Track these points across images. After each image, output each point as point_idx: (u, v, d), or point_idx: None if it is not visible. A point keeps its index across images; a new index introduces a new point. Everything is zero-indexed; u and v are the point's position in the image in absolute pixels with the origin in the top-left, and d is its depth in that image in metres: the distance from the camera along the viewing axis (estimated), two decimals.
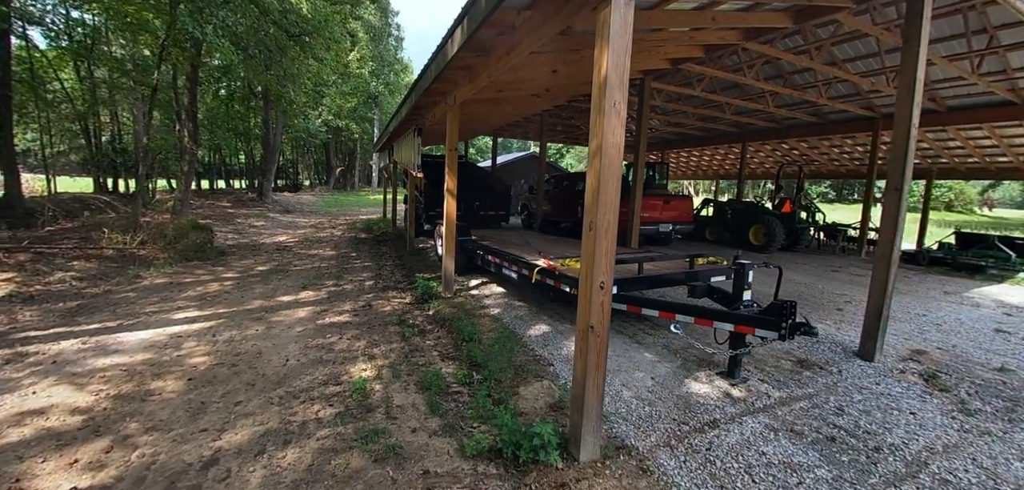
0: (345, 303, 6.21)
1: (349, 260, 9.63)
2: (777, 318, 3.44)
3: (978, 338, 5.22)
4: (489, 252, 6.75)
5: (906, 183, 4.28)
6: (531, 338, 4.80)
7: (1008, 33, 7.34)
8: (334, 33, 12.75)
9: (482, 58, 4.49)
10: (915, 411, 3.43)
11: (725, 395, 3.59)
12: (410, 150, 8.75)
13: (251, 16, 9.31)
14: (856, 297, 7.02)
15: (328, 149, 42.23)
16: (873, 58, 8.99)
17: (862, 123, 11.97)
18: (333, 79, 16.26)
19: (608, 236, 2.53)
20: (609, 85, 2.41)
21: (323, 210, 23.05)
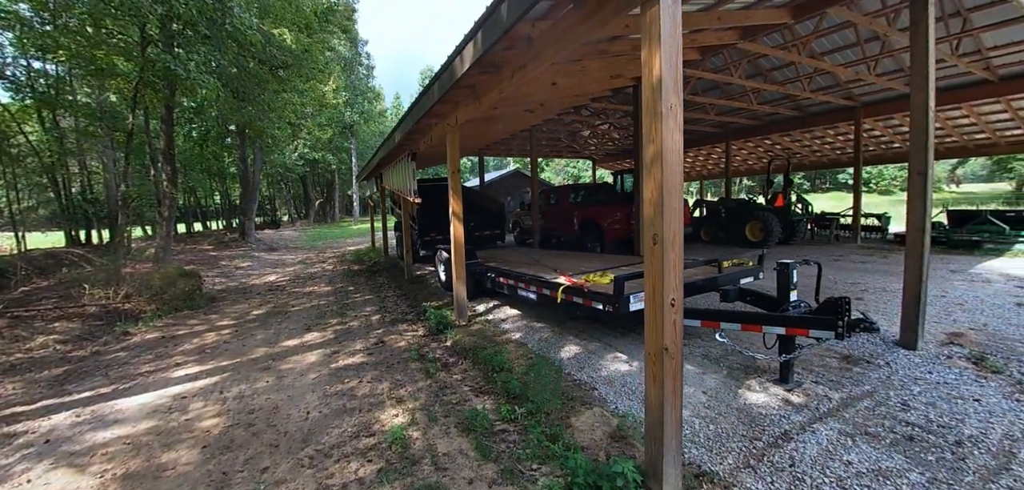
0: (355, 342, 5.89)
1: (348, 295, 9.27)
2: (833, 316, 3.30)
3: (1004, 314, 5.21)
4: (500, 273, 6.52)
5: (930, 166, 4.24)
6: (564, 361, 4.57)
7: (981, 14, 7.56)
8: (318, 62, 12.48)
9: (490, 75, 4.32)
10: (978, 398, 3.32)
11: (785, 403, 3.41)
12: (405, 176, 8.50)
13: (232, 51, 9.00)
14: (871, 284, 7.01)
15: (305, 182, 41.55)
16: (851, 49, 9.18)
17: (843, 113, 12.23)
18: (309, 111, 15.92)
19: (675, 248, 2.35)
20: (664, 88, 2.25)
21: (308, 245, 22.49)
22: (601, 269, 5.69)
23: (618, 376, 4.10)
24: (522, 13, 2.66)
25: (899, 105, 11.05)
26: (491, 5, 2.93)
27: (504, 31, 2.92)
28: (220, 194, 28.49)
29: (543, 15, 3.00)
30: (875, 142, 14.67)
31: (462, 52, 3.66)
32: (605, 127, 15.49)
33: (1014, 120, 11.20)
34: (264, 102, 11.73)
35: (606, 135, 17.00)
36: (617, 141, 18.01)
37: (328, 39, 12.88)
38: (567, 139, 17.26)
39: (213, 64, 8.66)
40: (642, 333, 5.18)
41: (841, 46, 9.14)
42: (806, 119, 13.17)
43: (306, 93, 12.39)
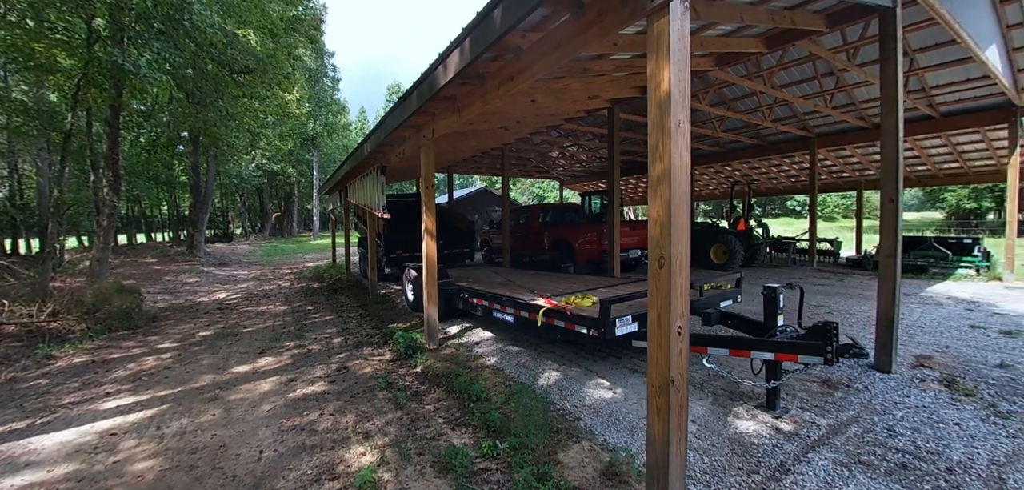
0: (315, 368, 5.42)
1: (306, 315, 8.69)
2: (822, 342, 3.26)
3: (962, 337, 5.44)
4: (474, 294, 6.25)
5: (900, 194, 4.37)
6: (545, 389, 4.34)
7: (924, 56, 8.11)
8: (283, 68, 11.87)
9: (473, 87, 4.13)
10: (958, 422, 3.35)
11: (775, 431, 3.32)
12: (373, 190, 8.13)
13: (189, 50, 8.34)
14: (834, 306, 7.23)
15: (262, 194, 39.72)
16: (808, 83, 9.67)
17: (799, 143, 12.87)
18: (270, 120, 15.16)
19: (682, 272, 2.20)
20: (673, 103, 2.12)
21: (263, 260, 21.29)
22: (580, 291, 5.54)
23: (603, 405, 3.91)
24: (519, 18, 2.49)
25: (850, 137, 11.74)
26: (483, 9, 2.75)
27: (495, 38, 2.74)
28: (168, 204, 26.66)
29: (537, 24, 2.85)
30: (827, 171, 15.53)
31: (446, 60, 3.45)
32: (574, 148, 15.62)
33: (952, 154, 12.13)
34: (222, 107, 10.98)
35: (574, 157, 17.14)
36: (585, 163, 18.21)
37: (294, 46, 12.31)
38: (536, 159, 17.28)
39: (167, 64, 7.99)
40: (623, 358, 5.10)
41: (799, 80, 9.61)
42: (765, 147, 13.76)
43: (268, 100, 11.74)
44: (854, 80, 9.01)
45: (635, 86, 7.16)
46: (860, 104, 10.32)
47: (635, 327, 4.04)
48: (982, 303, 7.32)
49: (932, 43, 7.66)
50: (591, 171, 19.42)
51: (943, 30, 5.82)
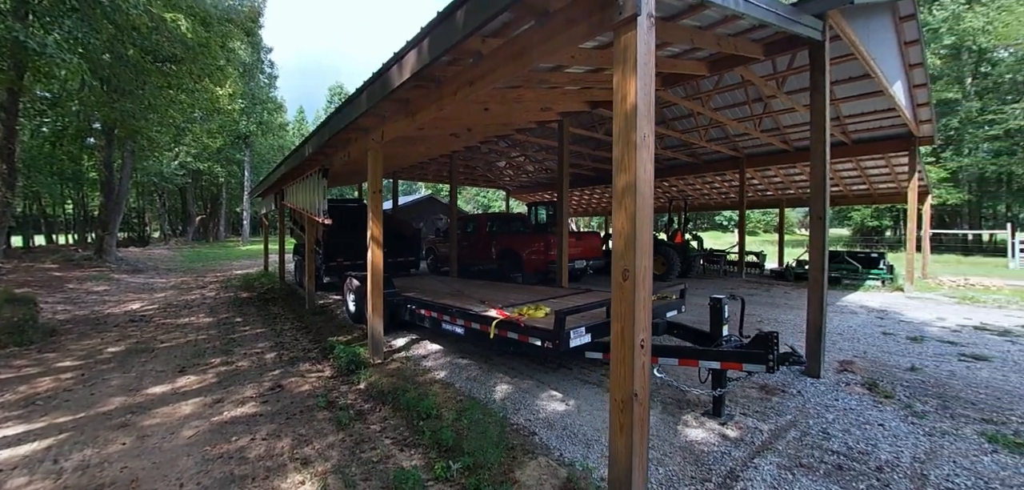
0: (245, 387, 4.94)
1: (234, 328, 7.97)
2: (764, 351, 3.41)
3: (876, 343, 5.98)
4: (422, 305, 6.01)
5: (826, 212, 4.73)
6: (497, 403, 4.22)
7: (840, 88, 8.97)
8: (215, 59, 10.87)
9: (429, 90, 3.98)
10: (882, 423, 3.63)
11: (722, 438, 3.42)
12: (313, 194, 7.65)
13: (107, 32, 7.37)
14: (764, 316, 7.72)
15: (185, 195, 36.51)
16: (740, 107, 10.39)
17: (730, 163, 13.79)
18: (198, 115, 13.86)
19: (645, 285, 2.19)
20: (639, 116, 2.12)
21: (185, 267, 19.46)
22: (531, 302, 5.48)
23: (557, 418, 3.85)
24: (482, 22, 2.39)
25: (775, 159, 12.75)
26: (445, 9, 2.63)
27: (457, 41, 2.63)
28: (73, 203, 23.64)
29: (499, 30, 2.77)
30: (753, 189, 16.76)
31: (401, 60, 3.27)
32: (521, 159, 15.75)
33: (860, 177, 13.51)
34: (143, 98, 9.82)
35: (521, 167, 17.29)
36: (531, 174, 18.41)
37: (228, 37, 11.36)
38: (483, 168, 17.24)
39: (80, 46, 6.99)
40: (574, 368, 5.10)
41: (732, 104, 10.28)
42: (700, 165, 14.62)
43: (197, 94, 10.71)
44: (780, 107, 9.78)
45: (585, 100, 7.30)
46: (784, 129, 11.23)
47: (589, 338, 4.05)
48: (890, 312, 8.15)
49: (847, 77, 8.47)
50: (537, 182, 19.66)
51: (859, 65, 6.44)
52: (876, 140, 10.93)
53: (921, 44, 7.72)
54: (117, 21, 7.37)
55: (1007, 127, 23.07)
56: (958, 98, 25.70)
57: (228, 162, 33.99)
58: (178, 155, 24.59)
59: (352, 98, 4.35)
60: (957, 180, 26.38)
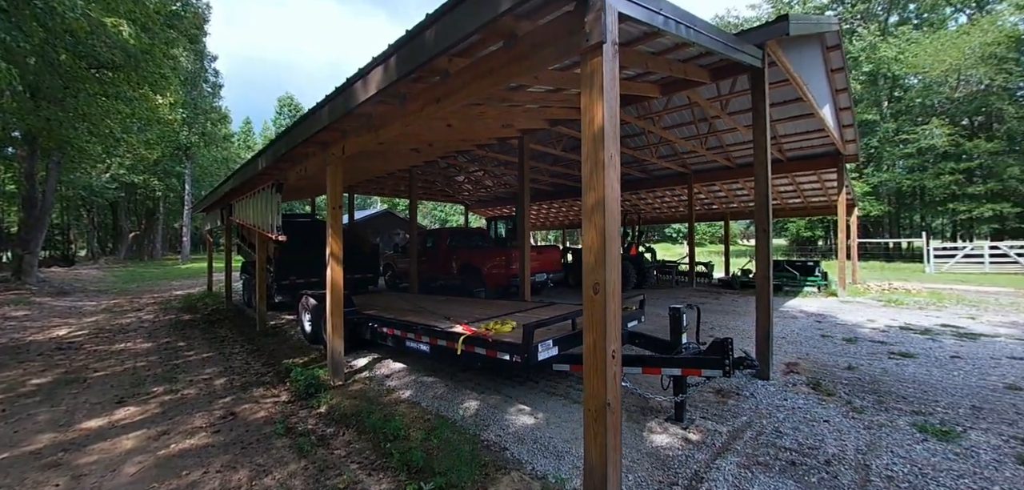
0: (194, 416, 4.63)
1: (178, 353, 7.45)
2: (720, 356, 3.61)
3: (817, 344, 6.45)
4: (385, 323, 5.89)
5: (770, 224, 5.09)
6: (467, 420, 4.18)
7: (776, 110, 9.70)
8: (160, 68, 10.16)
9: (393, 107, 3.96)
10: (827, 419, 3.92)
11: (685, 442, 3.57)
12: (266, 209, 7.34)
13: (38, 35, 6.72)
14: (717, 323, 8.12)
15: (117, 210, 33.77)
16: (687, 126, 10.99)
17: (679, 178, 14.50)
18: (135, 125, 12.87)
19: (615, 298, 2.28)
20: (606, 138, 2.23)
21: (117, 288, 17.94)
22: (496, 316, 5.51)
23: (527, 432, 3.88)
24: (452, 42, 2.43)
25: (719, 175, 13.54)
26: (415, 28, 2.64)
27: (425, 60, 2.65)
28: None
29: (467, 50, 2.82)
30: (701, 203, 17.68)
31: (367, 76, 3.24)
32: (480, 174, 15.82)
33: (796, 191, 14.58)
34: (75, 106, 8.99)
35: (480, 182, 17.36)
36: (490, 188, 18.52)
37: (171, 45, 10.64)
38: (442, 183, 17.16)
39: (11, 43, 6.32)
40: (540, 381, 5.16)
41: (680, 123, 10.87)
42: (651, 180, 15.27)
43: (136, 103, 9.95)
44: (724, 127, 10.43)
45: (545, 118, 7.48)
46: (727, 147, 11.97)
47: (556, 351, 4.12)
48: (826, 316, 8.81)
49: (783, 100, 9.17)
50: (496, 196, 19.79)
51: (793, 89, 7.00)
52: (808, 158, 11.87)
53: (845, 71, 8.52)
54: (50, 25, 6.76)
55: (919, 146, 25.72)
56: (877, 120, 28.40)
57: (167, 175, 31.79)
58: (110, 167, 22.70)
59: (313, 112, 4.25)
60: (878, 193, 29.02)
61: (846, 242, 12.22)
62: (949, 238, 29.71)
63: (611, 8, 2.15)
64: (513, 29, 2.50)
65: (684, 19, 2.83)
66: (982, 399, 4.42)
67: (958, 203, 25.29)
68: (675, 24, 2.72)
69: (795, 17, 5.00)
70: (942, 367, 5.44)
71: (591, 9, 2.14)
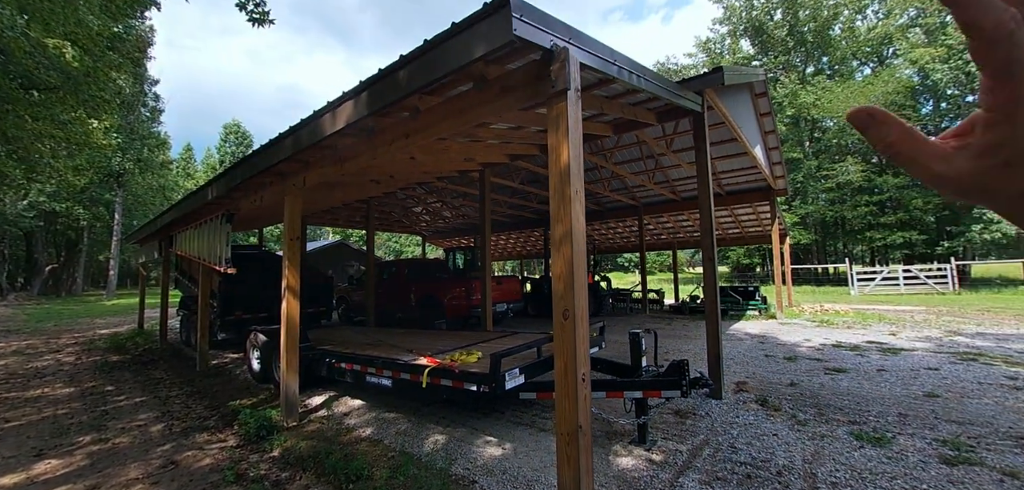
0: (128, 468, 4.25)
1: (105, 398, 6.81)
2: (678, 377, 3.82)
3: (761, 364, 6.90)
4: (343, 358, 5.72)
5: (715, 253, 5.49)
6: (433, 455, 4.12)
7: (715, 149, 10.49)
8: (102, 91, 9.46)
9: (361, 140, 3.99)
10: (776, 433, 4.21)
11: (650, 462, 3.71)
12: (214, 240, 6.99)
13: None
14: (671, 347, 8.49)
15: (32, 241, 30.58)
16: (636, 163, 11.65)
17: (629, 211, 15.21)
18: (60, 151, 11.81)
19: (584, 323, 2.42)
20: (572, 174, 2.40)
21: (30, 328, 16.13)
22: (461, 347, 5.51)
23: (496, 463, 3.88)
24: (425, 83, 2.55)
25: (666, 207, 14.36)
26: (388, 67, 2.74)
27: (398, 98, 2.74)
28: None
29: (437, 89, 2.95)
30: (650, 234, 18.55)
31: (336, 109, 3.27)
32: (438, 205, 15.83)
33: (734, 222, 15.65)
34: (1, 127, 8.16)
35: (438, 213, 17.35)
36: (448, 220, 18.53)
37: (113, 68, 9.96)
38: (400, 214, 16.99)
39: None
40: (506, 411, 5.18)
41: (629, 159, 11.50)
42: (604, 212, 15.91)
43: (70, 126, 9.18)
44: (669, 163, 11.15)
45: (505, 153, 7.71)
46: (673, 182, 12.75)
47: (523, 379, 4.18)
48: (768, 337, 9.44)
49: (720, 140, 9.97)
50: (454, 227, 19.80)
51: (728, 131, 7.67)
52: (744, 192, 12.87)
53: (772, 115, 9.43)
54: None
55: (838, 181, 28.49)
56: (801, 157, 31.24)
57: (94, 203, 29.28)
58: (28, 193, 20.59)
59: (275, 141, 4.18)
60: (806, 224, 31.67)
61: (781, 268, 13.23)
62: (868, 263, 32.73)
63: (574, 59, 2.35)
64: (483, 73, 2.66)
65: (635, 69, 3.11)
66: (906, 407, 4.91)
67: (874, 232, 28.06)
68: (627, 74, 2.99)
69: (728, 68, 5.56)
70: (871, 380, 5.99)
71: (556, 59, 2.34)
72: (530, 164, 10.07)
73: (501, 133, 5.41)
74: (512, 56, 2.50)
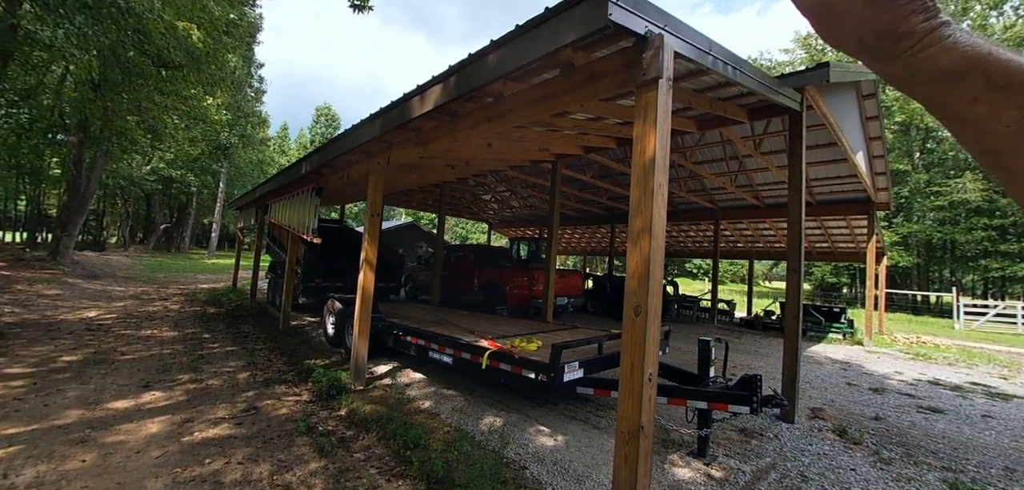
0: (217, 407, 4.74)
1: (202, 343, 7.65)
2: (748, 392, 3.58)
3: (842, 392, 6.30)
4: (409, 332, 5.97)
5: (801, 265, 5.06)
6: (486, 435, 4.21)
7: (810, 153, 9.63)
8: (223, 70, 10.75)
9: (443, 123, 4.11)
10: (854, 467, 3.83)
11: (709, 477, 3.53)
12: (303, 212, 7.59)
13: (112, 33, 7.22)
14: (739, 362, 7.99)
15: (151, 202, 35.04)
16: (717, 163, 10.99)
17: (705, 214, 14.42)
18: (182, 123, 13.51)
19: (655, 322, 2.33)
20: (656, 167, 2.30)
21: (145, 276, 18.54)
22: (520, 334, 5.55)
23: (548, 453, 3.88)
24: (513, 68, 2.56)
25: (746, 213, 13.43)
26: (478, 52, 2.79)
27: (485, 82, 2.79)
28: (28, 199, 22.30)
29: (521, 76, 2.95)
30: (726, 240, 17.50)
31: (425, 93, 3.41)
32: (507, 194, 16.01)
33: (823, 235, 14.34)
34: (137, 99, 9.55)
35: (506, 202, 17.54)
36: (515, 209, 18.69)
37: (229, 50, 11.24)
38: (469, 201, 17.40)
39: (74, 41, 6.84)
40: (560, 404, 5.15)
41: (710, 159, 10.88)
42: (677, 214, 15.21)
43: (190, 101, 10.49)
44: (754, 166, 10.40)
45: (580, 145, 7.59)
46: (757, 186, 11.90)
47: (581, 373, 4.13)
48: (852, 364, 8.59)
49: (816, 144, 9.12)
50: (521, 217, 19.94)
51: (828, 134, 6.99)
52: (838, 202, 11.70)
53: (880, 119, 8.46)
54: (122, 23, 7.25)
55: (951, 199, 25.07)
56: (908, 170, 27.85)
57: (202, 172, 33.03)
58: (151, 160, 23.75)
59: (365, 122, 4.44)
60: (907, 244, 28.28)
61: (874, 291, 11.93)
62: (980, 295, 28.65)
63: (668, 46, 2.25)
64: (571, 60, 2.62)
65: (731, 61, 2.92)
66: (1015, 461, 4.26)
67: (991, 260, 24.44)
68: (722, 65, 2.81)
69: (835, 65, 5.05)
70: (973, 425, 5.26)
71: (650, 46, 2.25)
72: (604, 158, 9.85)
73: (579, 123, 5.32)
74: (602, 43, 2.44)
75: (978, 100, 0.37)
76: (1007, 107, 0.36)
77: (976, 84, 0.37)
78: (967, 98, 0.38)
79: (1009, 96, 0.36)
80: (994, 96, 0.36)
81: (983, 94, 0.37)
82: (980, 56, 0.37)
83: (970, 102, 0.38)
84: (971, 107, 0.38)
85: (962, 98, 0.38)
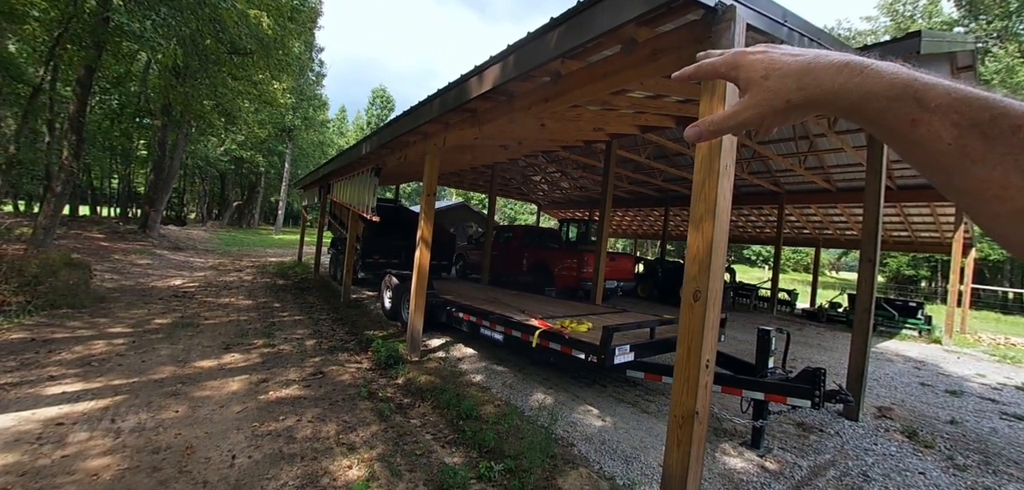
0: (288, 370, 5.14)
1: (273, 312, 8.28)
2: (810, 386, 3.41)
3: (914, 392, 5.85)
4: (462, 309, 6.16)
5: (878, 254, 4.70)
6: (535, 411, 4.30)
7: None
8: (289, 55, 11.49)
9: (500, 104, 4.15)
10: (923, 471, 3.58)
11: (762, 469, 3.43)
12: (363, 191, 7.94)
13: (192, 23, 7.91)
14: (799, 354, 7.59)
15: (225, 180, 37.91)
16: (784, 143, 10.29)
17: (769, 197, 13.59)
18: (248, 105, 14.58)
19: (715, 308, 2.27)
20: (722, 148, 2.22)
21: (221, 249, 20.21)
22: (570, 316, 5.57)
23: (595, 433, 3.92)
24: (574, 45, 2.54)
25: (816, 197, 12.52)
26: (538, 30, 2.79)
27: (544, 61, 2.79)
28: (120, 178, 24.92)
29: (581, 54, 2.91)
30: (790, 226, 16.46)
31: (483, 73, 3.45)
32: (557, 175, 15.87)
33: (903, 223, 13.16)
34: (213, 85, 10.45)
35: (556, 183, 17.39)
36: (565, 191, 18.50)
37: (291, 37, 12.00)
38: (519, 181, 17.41)
39: (160, 31, 7.58)
40: (608, 386, 5.15)
41: (776, 139, 10.20)
42: (738, 197, 14.44)
43: (260, 85, 11.30)
44: (827, 146, 9.66)
45: (636, 124, 7.38)
46: (828, 168, 11.05)
47: (632, 356, 4.11)
48: (927, 363, 7.91)
49: None
50: (570, 199, 19.73)
51: None
52: (922, 188, 10.65)
53: None
54: (200, 12, 7.90)
55: None
56: None
57: (269, 153, 35.30)
58: (224, 141, 25.74)
59: (423, 103, 4.57)
60: None
61: (959, 286, 10.83)
62: None
63: (740, 19, 2.14)
64: (633, 36, 2.55)
65: (808, 31, 2.72)
66: None
67: None
68: (798, 37, 2.63)
69: (927, 33, 4.56)
70: None
71: (721, 19, 2.15)
72: (662, 137, 9.50)
73: (636, 102, 5.17)
74: (667, 16, 2.35)
75: (917, 122, 0.38)
76: (943, 126, 0.37)
77: (909, 106, 0.38)
78: (907, 120, 0.38)
79: (945, 115, 0.37)
80: (930, 117, 0.37)
81: (920, 115, 0.38)
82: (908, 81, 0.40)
83: (910, 124, 0.38)
84: (913, 129, 0.38)
85: (903, 120, 0.39)
